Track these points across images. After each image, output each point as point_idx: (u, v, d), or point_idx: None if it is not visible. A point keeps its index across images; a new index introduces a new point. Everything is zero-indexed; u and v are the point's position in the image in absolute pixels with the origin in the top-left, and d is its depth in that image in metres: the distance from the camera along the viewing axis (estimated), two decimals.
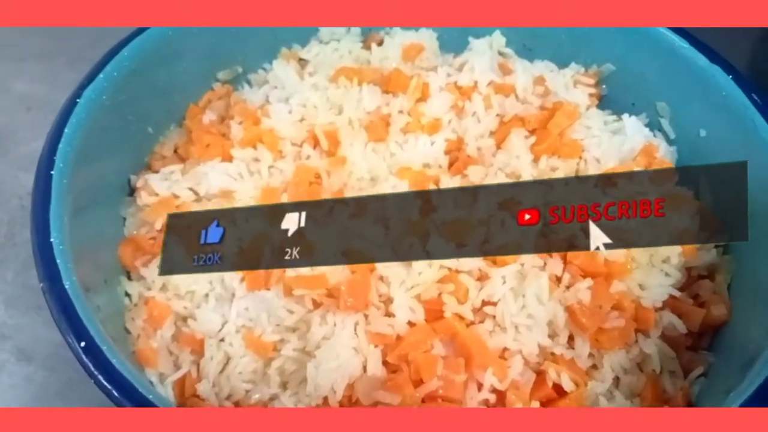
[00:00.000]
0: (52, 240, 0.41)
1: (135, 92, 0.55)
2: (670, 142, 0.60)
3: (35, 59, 0.80)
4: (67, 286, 0.39)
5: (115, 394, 0.36)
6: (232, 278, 0.50)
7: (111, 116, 0.52)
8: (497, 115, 0.59)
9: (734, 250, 0.54)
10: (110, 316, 0.48)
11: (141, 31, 0.55)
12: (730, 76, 0.54)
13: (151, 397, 0.36)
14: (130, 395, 0.36)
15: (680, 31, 0.58)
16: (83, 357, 0.37)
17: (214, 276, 0.51)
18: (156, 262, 0.52)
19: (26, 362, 0.56)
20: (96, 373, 0.36)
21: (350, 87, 0.58)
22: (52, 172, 0.44)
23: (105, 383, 0.36)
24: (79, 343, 0.37)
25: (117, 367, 0.36)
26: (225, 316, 0.49)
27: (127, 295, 0.52)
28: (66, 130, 0.47)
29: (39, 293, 0.58)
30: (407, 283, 0.47)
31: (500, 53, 0.67)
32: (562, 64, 0.66)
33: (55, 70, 0.78)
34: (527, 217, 0.51)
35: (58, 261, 0.40)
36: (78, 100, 0.49)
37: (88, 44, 0.80)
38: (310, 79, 0.59)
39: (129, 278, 0.53)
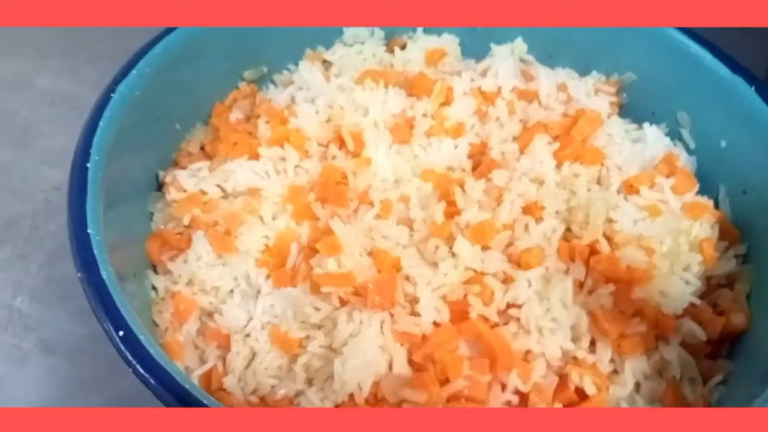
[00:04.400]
0: (89, 231, 0.41)
1: (164, 89, 0.56)
2: (690, 152, 0.61)
3: (57, 55, 0.81)
4: (104, 276, 0.40)
5: (152, 382, 0.36)
6: (258, 275, 0.51)
7: (141, 112, 0.53)
8: (520, 120, 0.59)
9: (753, 260, 0.54)
10: (139, 307, 0.48)
11: (171, 29, 0.56)
12: (752, 87, 0.55)
13: (187, 386, 0.36)
14: (166, 384, 0.36)
15: (702, 41, 0.59)
16: (121, 346, 0.37)
17: (240, 272, 0.51)
18: (183, 257, 0.52)
19: (50, 354, 0.56)
20: (134, 362, 0.37)
21: (376, 89, 0.59)
22: (87, 165, 0.45)
23: (143, 372, 0.36)
24: (117, 333, 0.37)
25: (154, 357, 0.37)
26: (250, 312, 0.50)
27: (154, 288, 0.52)
28: (101, 124, 0.47)
29: (63, 286, 0.59)
30: (433, 283, 0.47)
31: (522, 60, 0.68)
32: (584, 72, 0.67)
33: (77, 66, 0.79)
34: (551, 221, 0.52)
35: (95, 251, 0.40)
36: (112, 94, 0.50)
37: (110, 41, 0.81)
38: (336, 81, 0.60)
39: (155, 272, 0.53)
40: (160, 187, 0.57)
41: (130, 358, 0.37)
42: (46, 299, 0.59)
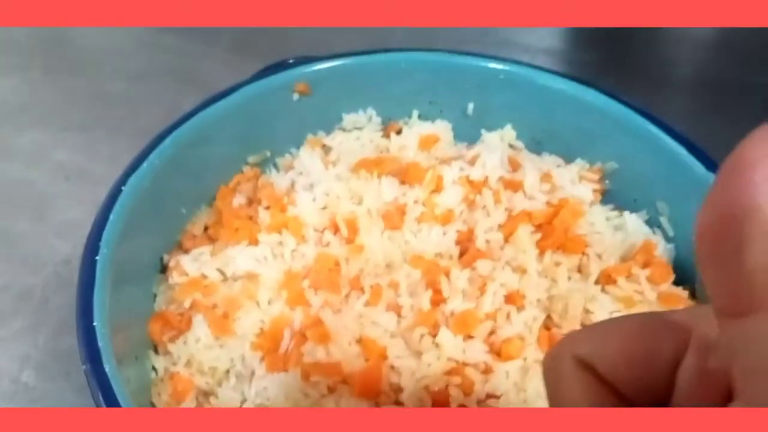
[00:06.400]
0: (95, 324, 0.45)
1: (172, 177, 0.60)
2: (668, 239, 0.64)
3: (75, 130, 0.85)
4: (107, 369, 0.43)
5: None
6: (253, 357, 0.54)
7: (150, 200, 0.57)
8: (506, 209, 0.63)
9: None
10: (138, 389, 0.51)
11: (184, 120, 0.61)
12: None
13: None
14: None
15: (680, 138, 0.63)
16: None
17: (236, 354, 0.54)
18: (183, 338, 0.55)
19: None
20: None
21: (370, 179, 0.63)
22: (96, 258, 0.48)
23: None
24: None
25: None
26: (245, 393, 0.53)
27: (154, 368, 0.55)
28: (111, 217, 0.51)
29: (68, 360, 0.62)
30: (417, 374, 0.50)
31: (510, 146, 0.72)
32: (569, 158, 0.70)
33: (94, 141, 0.84)
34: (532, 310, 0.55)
35: (99, 345, 0.44)
36: (122, 187, 0.53)
37: (126, 118, 0.86)
38: (334, 170, 0.64)
39: (156, 352, 0.56)
40: (164, 268, 0.60)
41: None
42: (53, 372, 0.62)
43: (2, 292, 0.68)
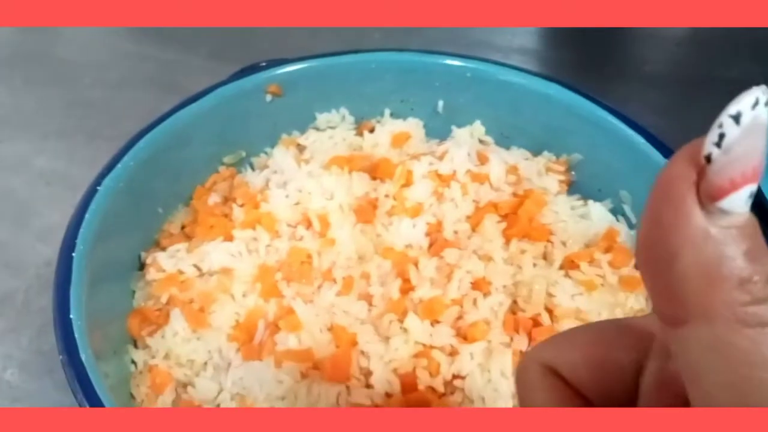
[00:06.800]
0: (71, 316, 0.46)
1: (148, 177, 0.61)
2: (631, 226, 0.66)
3: (56, 137, 0.87)
4: (83, 359, 0.44)
5: None
6: (229, 348, 0.55)
7: (126, 200, 0.58)
8: (473, 200, 0.65)
9: None
10: (118, 383, 0.53)
11: (158, 122, 0.62)
12: None
13: None
14: None
15: (640, 129, 0.65)
16: None
17: (213, 346, 0.56)
18: (161, 333, 0.57)
19: None
20: None
21: (341, 174, 0.65)
22: (73, 254, 0.50)
23: None
24: None
25: None
26: (221, 383, 0.54)
27: (133, 362, 0.57)
28: (87, 216, 0.53)
29: (51, 359, 0.64)
30: (385, 357, 0.52)
31: (480, 141, 0.74)
32: (536, 151, 0.73)
33: (74, 147, 0.86)
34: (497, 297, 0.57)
35: (76, 336, 0.45)
36: (98, 188, 0.55)
37: (106, 124, 0.88)
38: (307, 167, 0.66)
39: (135, 346, 0.58)
40: (142, 266, 0.62)
41: None
42: (35, 371, 0.63)
43: None
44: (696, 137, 0.20)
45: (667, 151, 0.63)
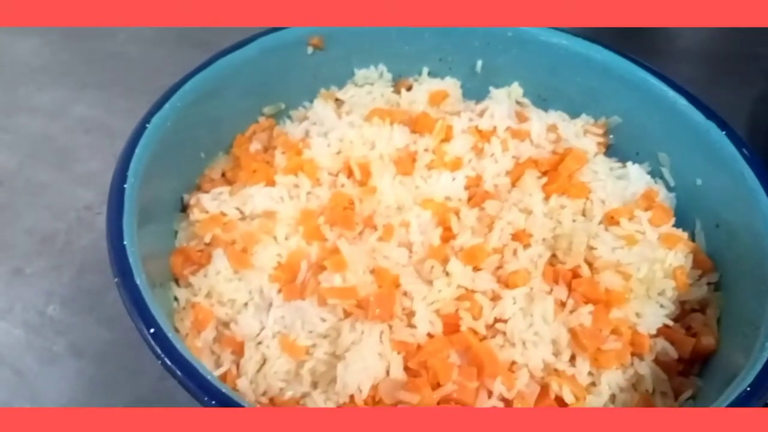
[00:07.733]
0: (125, 243, 0.47)
1: (192, 121, 0.62)
2: (669, 189, 0.66)
3: (93, 87, 0.88)
4: (138, 282, 0.45)
5: (179, 373, 0.41)
6: (270, 289, 0.56)
7: (171, 141, 0.59)
8: (513, 157, 0.65)
9: (724, 288, 0.59)
10: (164, 315, 0.54)
11: (202, 68, 0.63)
12: (724, 132, 0.60)
13: (209, 377, 0.42)
14: (191, 375, 0.41)
15: (679, 88, 0.65)
16: (152, 341, 0.42)
17: (254, 286, 0.57)
18: (203, 272, 0.58)
19: (78, 357, 0.61)
20: (162, 355, 0.42)
21: (382, 126, 0.65)
22: (125, 186, 0.51)
23: (170, 364, 0.41)
24: (149, 330, 0.43)
25: (180, 351, 0.42)
26: (263, 322, 0.55)
27: (176, 299, 0.58)
28: (137, 151, 0.54)
29: (92, 296, 0.65)
30: (428, 298, 0.52)
31: (518, 102, 0.74)
32: (574, 115, 0.73)
33: (111, 98, 0.86)
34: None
35: (130, 260, 0.46)
36: (147, 124, 0.56)
37: (141, 77, 0.89)
38: (347, 118, 0.66)
39: (178, 284, 0.59)
40: (184, 208, 0.63)
41: (160, 352, 0.42)
42: (77, 307, 0.64)
43: (28, 236, 0.71)
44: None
45: (709, 113, 0.63)
